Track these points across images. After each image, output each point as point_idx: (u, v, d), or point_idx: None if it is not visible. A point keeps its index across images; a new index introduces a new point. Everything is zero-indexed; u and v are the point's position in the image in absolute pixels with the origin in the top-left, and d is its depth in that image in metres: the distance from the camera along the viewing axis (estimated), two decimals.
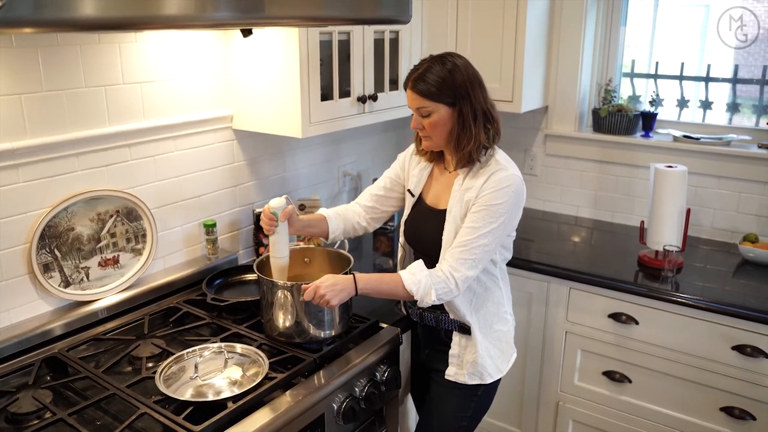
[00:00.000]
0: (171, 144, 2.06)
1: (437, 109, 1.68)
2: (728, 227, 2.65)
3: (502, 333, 1.86)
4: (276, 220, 1.76)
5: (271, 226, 1.76)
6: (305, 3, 1.47)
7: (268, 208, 1.77)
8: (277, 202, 1.77)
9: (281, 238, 1.79)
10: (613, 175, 2.88)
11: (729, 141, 2.62)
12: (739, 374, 2.13)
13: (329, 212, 1.96)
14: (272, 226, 1.76)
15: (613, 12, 2.85)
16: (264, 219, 1.77)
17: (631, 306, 2.28)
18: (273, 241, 1.79)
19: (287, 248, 1.81)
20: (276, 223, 1.76)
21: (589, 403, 2.48)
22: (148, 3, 1.13)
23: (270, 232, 1.78)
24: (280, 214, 1.76)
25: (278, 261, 1.81)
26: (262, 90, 2.12)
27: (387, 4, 1.69)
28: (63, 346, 1.76)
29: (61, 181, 1.78)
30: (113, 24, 1.12)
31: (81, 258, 1.85)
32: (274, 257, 1.81)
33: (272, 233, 1.77)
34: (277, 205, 1.76)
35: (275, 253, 1.80)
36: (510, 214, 1.71)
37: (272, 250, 1.81)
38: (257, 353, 1.68)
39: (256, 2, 1.33)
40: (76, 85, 1.77)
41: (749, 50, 3.07)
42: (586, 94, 2.94)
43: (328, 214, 1.94)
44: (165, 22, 1.19)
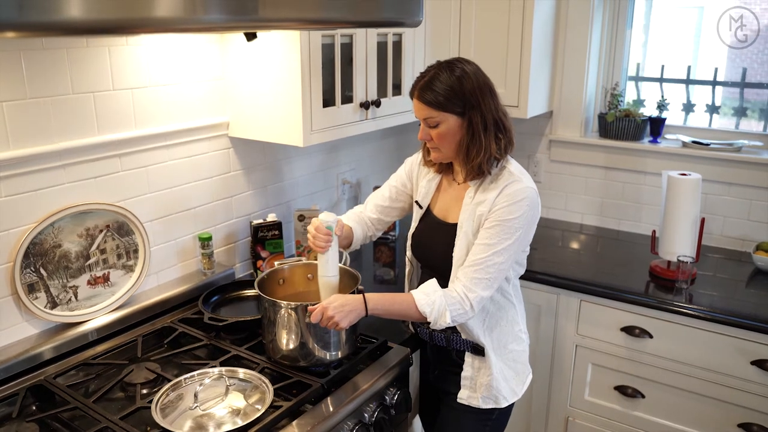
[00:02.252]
0: (164, 153, 1.94)
1: (446, 119, 1.58)
2: (739, 235, 2.58)
3: (517, 353, 1.77)
4: (332, 234, 1.64)
5: (328, 242, 1.64)
6: (306, 5, 1.36)
7: (320, 224, 1.64)
8: (328, 216, 1.65)
9: (334, 254, 1.67)
10: (619, 181, 2.80)
11: (739, 147, 2.54)
12: (758, 390, 2.06)
13: (352, 222, 1.86)
14: (329, 242, 1.64)
15: (619, 14, 2.77)
16: (317, 235, 1.64)
17: (645, 319, 2.20)
18: (326, 259, 1.66)
19: (338, 266, 1.69)
20: (332, 238, 1.65)
21: (599, 418, 2.39)
22: (136, 5, 1.02)
23: (325, 250, 1.65)
24: (335, 228, 1.65)
25: (330, 280, 1.68)
26: (260, 96, 2.01)
27: (396, 6, 1.59)
28: (50, 372, 1.64)
29: (46, 195, 1.66)
30: (101, 28, 1.02)
31: (69, 276, 1.72)
32: (325, 276, 1.68)
33: (327, 250, 1.66)
34: (331, 219, 1.64)
35: (327, 272, 1.67)
36: (525, 228, 1.61)
37: (323, 269, 1.67)
38: (260, 378, 1.56)
39: (249, 4, 1.22)
40: (62, 92, 1.65)
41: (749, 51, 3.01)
42: (592, 99, 2.86)
43: (353, 225, 1.84)
44: (154, 26, 1.09)
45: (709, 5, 3.25)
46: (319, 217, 1.66)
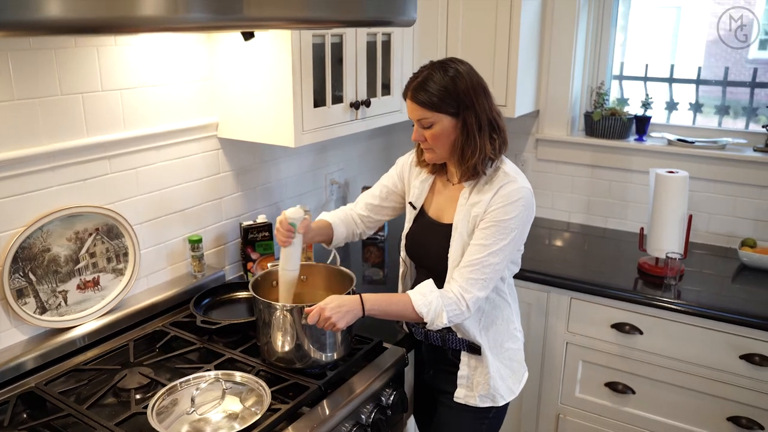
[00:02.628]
0: (153, 155, 1.91)
1: (440, 119, 1.58)
2: (724, 232, 2.62)
3: (513, 351, 1.77)
4: (294, 231, 1.64)
5: (288, 237, 1.64)
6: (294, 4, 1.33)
7: (284, 219, 1.65)
8: (294, 212, 1.66)
9: (296, 250, 1.68)
10: (606, 179, 2.82)
11: (724, 144, 2.58)
12: (747, 383, 2.08)
13: (333, 219, 1.86)
14: (289, 238, 1.65)
15: (604, 14, 2.79)
16: (280, 230, 1.64)
17: (635, 315, 2.22)
18: (287, 253, 1.67)
19: (299, 261, 1.70)
20: (294, 234, 1.64)
21: (590, 415, 2.41)
22: (117, 4, 0.99)
23: (286, 244, 1.66)
24: (299, 225, 1.65)
25: (289, 273, 1.69)
26: (250, 96, 1.99)
27: (390, 5, 1.58)
28: (40, 379, 1.61)
29: (35, 198, 1.63)
30: (82, 27, 0.98)
31: (58, 281, 1.69)
32: (285, 269, 1.69)
33: (288, 245, 1.65)
34: (295, 216, 1.65)
35: (288, 265, 1.69)
36: (521, 229, 1.62)
37: (284, 262, 1.69)
38: (257, 382, 1.55)
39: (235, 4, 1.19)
40: (51, 93, 1.62)
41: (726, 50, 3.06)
42: (578, 98, 2.88)
43: (333, 221, 1.84)
44: (135, 25, 1.06)
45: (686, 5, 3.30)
46: (286, 212, 1.66)
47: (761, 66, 2.75)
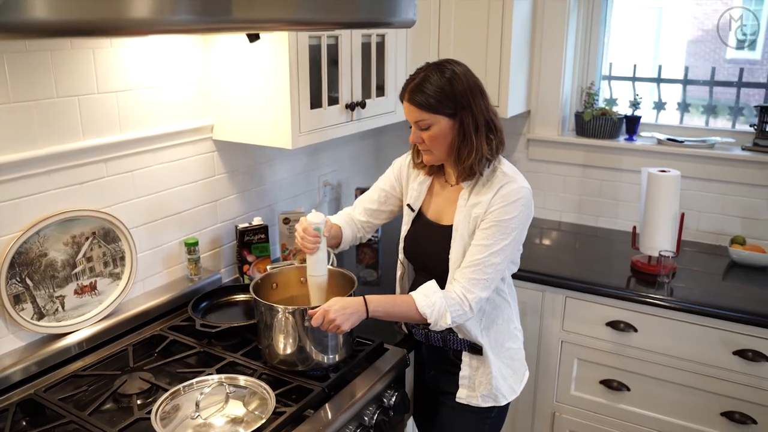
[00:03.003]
0: (150, 158, 1.89)
1: (437, 121, 1.58)
2: (714, 229, 2.66)
3: (513, 351, 1.78)
4: (320, 236, 1.63)
5: (316, 243, 1.63)
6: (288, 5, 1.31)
7: (307, 225, 1.63)
8: (315, 217, 1.65)
9: (323, 254, 1.67)
10: (596, 179, 2.85)
11: (713, 144, 2.62)
12: (740, 379, 2.12)
13: (341, 222, 1.85)
14: (317, 244, 1.63)
15: (593, 14, 2.82)
16: (306, 237, 1.63)
17: (630, 313, 2.24)
18: (314, 260, 1.66)
19: (327, 265, 1.70)
20: (320, 239, 1.63)
21: (586, 412, 2.43)
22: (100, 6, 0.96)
23: (313, 251, 1.64)
24: (323, 228, 1.64)
25: (318, 279, 1.69)
26: (246, 97, 1.98)
27: (388, 6, 1.58)
28: (39, 386, 1.58)
29: (32, 202, 1.60)
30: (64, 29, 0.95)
31: (55, 286, 1.67)
32: (314, 276, 1.69)
33: (316, 251, 1.64)
34: (318, 220, 1.64)
35: (316, 271, 1.68)
36: (521, 228, 1.63)
37: (312, 269, 1.68)
38: (260, 385, 1.53)
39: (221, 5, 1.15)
40: (47, 96, 1.59)
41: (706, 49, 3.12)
42: (568, 98, 2.90)
43: (341, 224, 1.84)
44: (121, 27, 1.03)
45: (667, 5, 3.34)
46: (307, 217, 1.65)
47: (739, 66, 2.82)
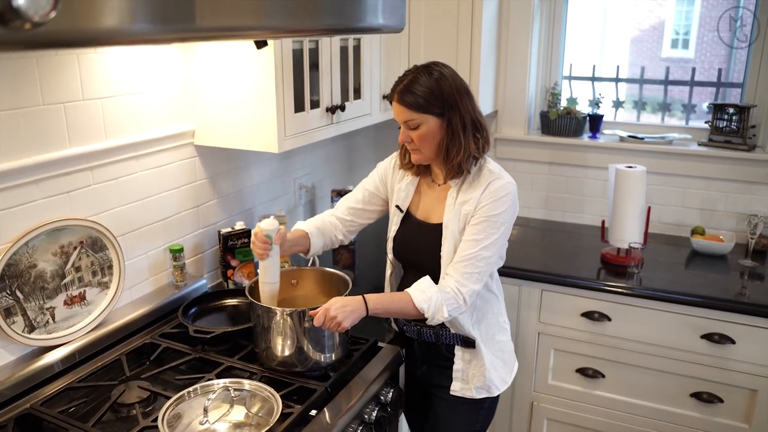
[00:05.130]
0: (134, 164, 1.87)
1: (426, 120, 1.63)
2: (675, 221, 2.80)
3: (503, 343, 1.84)
4: (270, 243, 1.64)
5: (265, 250, 1.64)
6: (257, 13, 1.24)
7: (260, 231, 1.64)
8: (268, 224, 1.65)
9: (274, 261, 1.68)
10: (563, 176, 2.96)
11: (671, 140, 2.76)
12: (707, 361, 2.24)
13: (310, 228, 1.85)
14: (266, 250, 1.64)
15: (555, 15, 2.92)
16: (257, 243, 1.64)
17: (603, 303, 2.34)
18: (265, 266, 1.68)
19: (279, 272, 1.70)
20: (270, 246, 1.64)
21: (563, 400, 2.52)
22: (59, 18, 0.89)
23: (264, 257, 1.65)
24: (274, 236, 1.65)
25: (271, 286, 1.70)
26: (229, 102, 1.98)
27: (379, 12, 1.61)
28: (34, 399, 1.54)
29: (20, 213, 1.57)
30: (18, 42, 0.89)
31: (45, 297, 1.63)
32: (265, 282, 1.69)
33: (266, 258, 1.66)
34: (270, 227, 1.65)
35: (267, 278, 1.69)
36: (509, 222, 1.70)
37: (263, 275, 1.69)
38: (265, 388, 1.54)
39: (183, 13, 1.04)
40: (33, 103, 1.56)
41: (647, 49, 3.25)
42: (533, 98, 3.00)
43: (309, 230, 1.84)
44: (76, 39, 0.90)
45: (611, 6, 3.49)
46: (261, 224, 1.67)
47: (673, 64, 3.00)
